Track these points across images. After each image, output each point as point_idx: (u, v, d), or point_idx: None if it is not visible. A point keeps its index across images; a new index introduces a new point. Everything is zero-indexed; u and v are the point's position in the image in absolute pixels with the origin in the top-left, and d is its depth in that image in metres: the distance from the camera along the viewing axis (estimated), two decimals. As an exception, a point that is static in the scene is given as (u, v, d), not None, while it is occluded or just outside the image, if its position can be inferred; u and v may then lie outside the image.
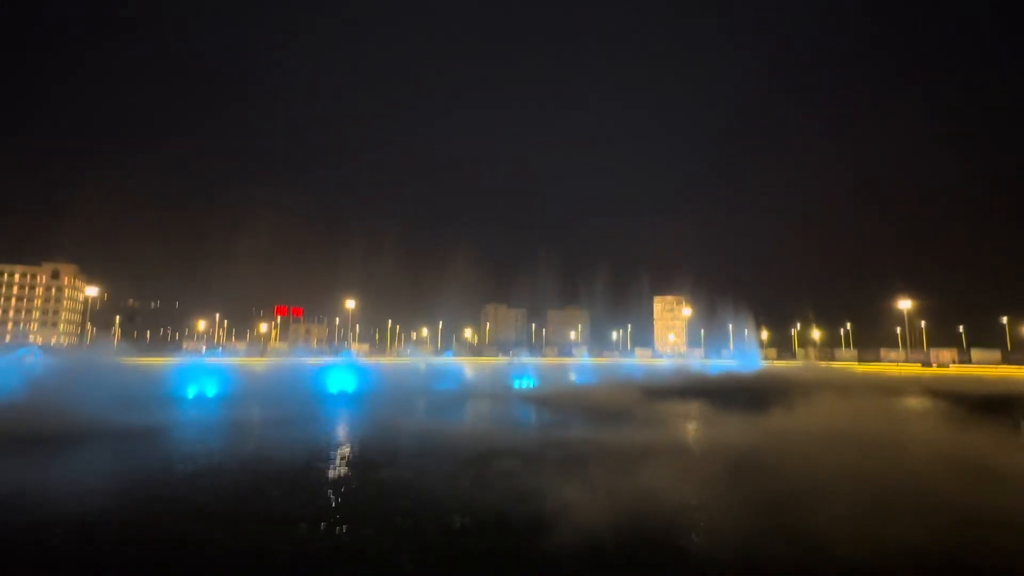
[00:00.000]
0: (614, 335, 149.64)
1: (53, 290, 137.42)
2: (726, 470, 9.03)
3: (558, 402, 22.10)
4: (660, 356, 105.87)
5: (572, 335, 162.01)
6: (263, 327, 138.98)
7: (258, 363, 52.45)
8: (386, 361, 63.21)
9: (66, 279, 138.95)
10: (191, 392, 23.08)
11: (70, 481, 8.63)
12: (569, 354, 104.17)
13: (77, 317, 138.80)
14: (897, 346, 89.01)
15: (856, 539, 5.79)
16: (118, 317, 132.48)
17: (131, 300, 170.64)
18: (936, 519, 6.34)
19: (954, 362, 70.51)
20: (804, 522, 6.27)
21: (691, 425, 15.79)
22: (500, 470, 9.20)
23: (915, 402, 20.89)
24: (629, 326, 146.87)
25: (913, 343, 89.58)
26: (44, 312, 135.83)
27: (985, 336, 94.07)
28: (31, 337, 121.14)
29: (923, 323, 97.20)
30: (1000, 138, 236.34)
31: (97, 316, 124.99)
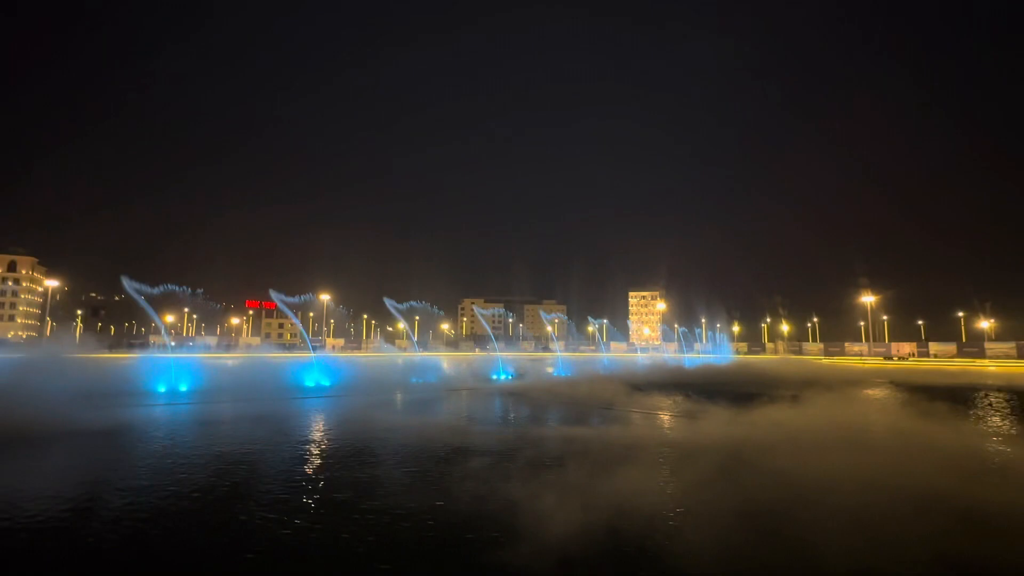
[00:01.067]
0: (590, 329, 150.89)
1: (9, 282, 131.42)
2: (716, 469, 8.97)
3: (536, 396, 22.13)
4: (635, 350, 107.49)
5: (548, 329, 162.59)
6: (234, 321, 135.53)
7: (229, 358, 51.19)
8: (362, 355, 62.41)
9: (23, 271, 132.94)
10: (159, 388, 22.35)
11: (27, 485, 8.23)
12: (545, 348, 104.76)
13: (36, 311, 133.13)
14: (860, 339, 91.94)
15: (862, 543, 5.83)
16: (80, 311, 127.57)
17: (94, 293, 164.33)
18: (941, 519, 6.39)
19: (912, 355, 73.16)
20: (812, 524, 6.25)
21: (674, 418, 15.98)
22: (476, 467, 9.15)
23: (890, 394, 21.59)
24: (605, 320, 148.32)
25: (875, 336, 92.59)
26: (0, 305, 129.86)
27: (942, 330, 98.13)
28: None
29: (884, 317, 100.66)
30: (957, 137, 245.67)
31: (58, 310, 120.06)
